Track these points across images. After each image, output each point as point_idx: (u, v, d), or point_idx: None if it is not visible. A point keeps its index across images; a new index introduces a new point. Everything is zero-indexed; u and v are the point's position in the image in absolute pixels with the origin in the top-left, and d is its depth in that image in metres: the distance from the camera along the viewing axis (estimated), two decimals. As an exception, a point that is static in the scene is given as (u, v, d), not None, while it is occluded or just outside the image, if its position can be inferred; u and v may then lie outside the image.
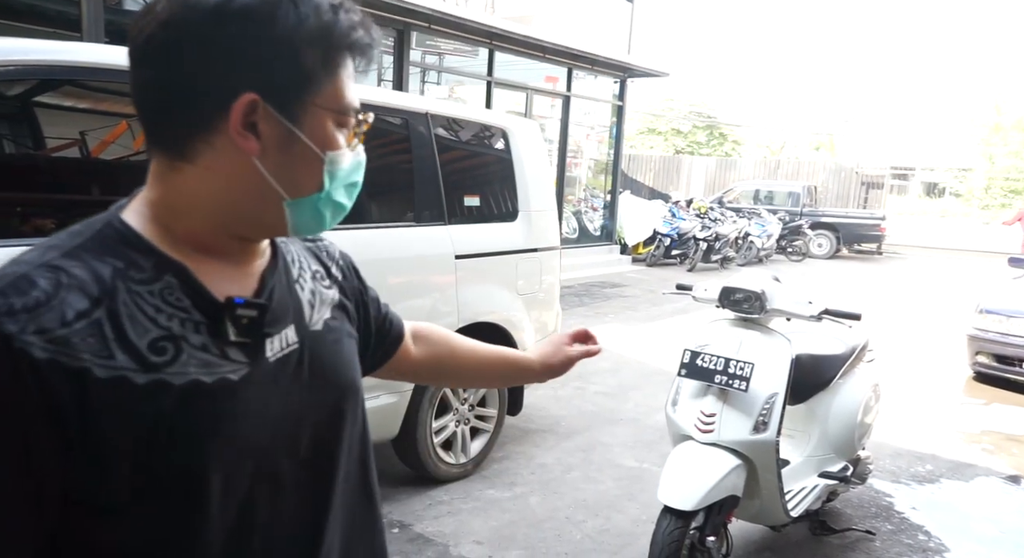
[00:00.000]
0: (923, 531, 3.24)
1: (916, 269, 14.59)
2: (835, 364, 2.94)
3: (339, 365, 0.84)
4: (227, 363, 0.70)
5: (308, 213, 0.73)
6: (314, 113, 0.70)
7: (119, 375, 0.62)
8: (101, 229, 0.69)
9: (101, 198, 2.43)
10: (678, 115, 29.23)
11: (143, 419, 0.63)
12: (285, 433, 0.75)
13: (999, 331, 5.50)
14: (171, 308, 0.67)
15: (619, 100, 12.15)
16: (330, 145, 0.72)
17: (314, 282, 0.86)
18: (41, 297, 0.61)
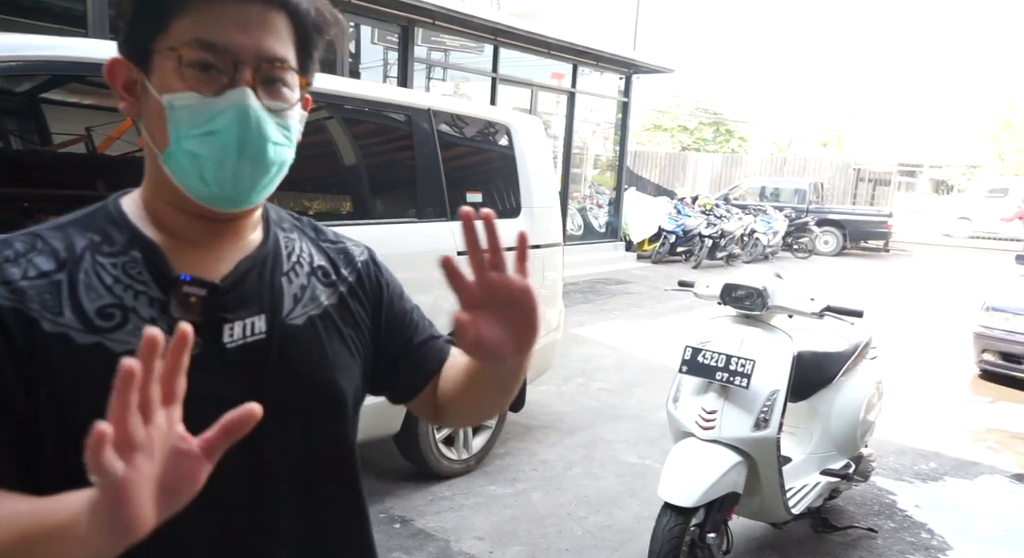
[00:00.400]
0: (926, 529, 3.23)
1: (923, 266, 14.51)
2: (838, 361, 2.93)
3: (318, 367, 0.79)
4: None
5: (176, 168, 0.70)
6: (161, 58, 0.68)
7: (62, 332, 0.66)
8: (96, 209, 0.75)
9: (107, 194, 2.44)
10: (684, 111, 29.12)
11: (76, 377, 0.66)
12: None
13: (1005, 329, 5.47)
14: (129, 279, 0.70)
15: (624, 96, 12.11)
16: (167, 87, 0.68)
17: (310, 277, 0.82)
18: (11, 255, 0.68)
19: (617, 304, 8.23)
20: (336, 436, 0.83)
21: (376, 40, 8.56)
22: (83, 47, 2.22)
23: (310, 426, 0.79)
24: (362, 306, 0.87)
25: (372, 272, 0.90)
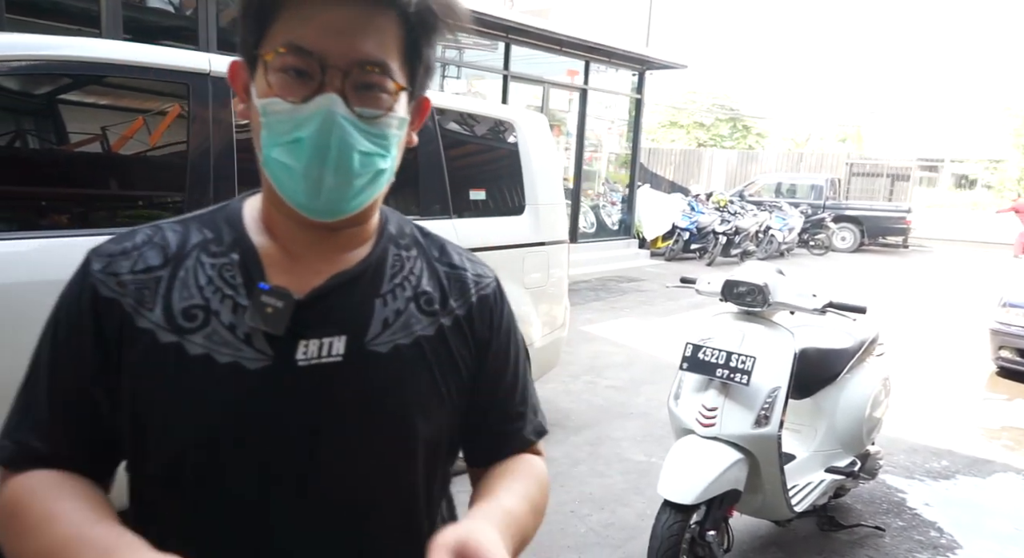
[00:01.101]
0: (935, 527, 3.19)
1: (943, 262, 14.29)
2: (843, 358, 2.90)
3: (394, 398, 0.72)
4: (248, 349, 0.67)
5: (273, 177, 0.68)
6: (260, 62, 0.66)
7: (149, 328, 0.68)
8: (223, 206, 0.77)
9: (120, 193, 2.48)
10: (701, 108, 28.91)
11: (154, 374, 0.67)
12: (293, 449, 0.68)
13: (1022, 325, 5.38)
14: (221, 282, 0.70)
15: (637, 93, 12.05)
16: (261, 92, 0.66)
17: (409, 302, 0.75)
18: (128, 247, 0.71)
19: (628, 302, 8.20)
20: (399, 477, 0.75)
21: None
22: (95, 47, 2.25)
23: (372, 461, 0.72)
24: (465, 346, 0.78)
25: (487, 311, 0.81)
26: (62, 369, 0.69)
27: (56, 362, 0.70)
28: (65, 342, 0.70)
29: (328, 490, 0.71)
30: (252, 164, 2.16)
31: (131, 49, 2.30)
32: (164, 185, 2.49)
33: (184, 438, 0.67)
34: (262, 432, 0.68)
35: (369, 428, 0.72)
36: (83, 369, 0.69)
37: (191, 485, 0.68)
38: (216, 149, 2.41)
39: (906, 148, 25.92)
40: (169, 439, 0.68)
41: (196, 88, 2.38)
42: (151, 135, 2.50)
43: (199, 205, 2.35)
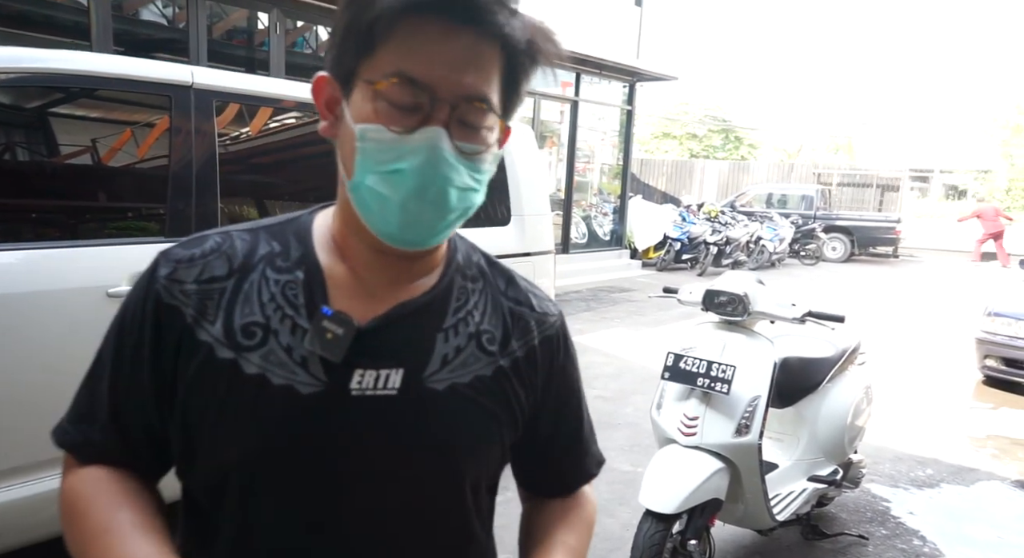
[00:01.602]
0: (918, 536, 3.20)
1: (932, 272, 14.38)
2: (824, 367, 2.92)
3: (445, 437, 0.71)
4: (302, 373, 0.66)
5: (359, 202, 0.66)
6: (361, 86, 0.64)
7: (208, 342, 0.67)
8: (294, 217, 0.75)
9: (109, 205, 2.49)
10: (693, 119, 29.11)
11: (207, 389, 0.67)
12: (336, 478, 0.68)
13: (1008, 334, 5.42)
14: (283, 301, 0.68)
15: (628, 104, 12.14)
16: (362, 117, 0.63)
17: (470, 340, 0.73)
18: (196, 254, 0.70)
19: (619, 312, 8.22)
20: (453, 521, 0.75)
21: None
22: (78, 60, 2.27)
23: (419, 503, 0.72)
24: (523, 386, 0.77)
25: (548, 353, 0.80)
26: (122, 369, 0.70)
27: (118, 362, 0.71)
28: (127, 343, 0.70)
29: (368, 523, 0.70)
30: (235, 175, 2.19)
31: (114, 62, 2.32)
32: (145, 197, 2.50)
33: (229, 457, 0.67)
34: (307, 458, 0.67)
35: (416, 465, 0.70)
36: (140, 374, 0.69)
37: (233, 504, 0.68)
38: (198, 161, 2.43)
39: (897, 158, 26.12)
40: (215, 456, 0.67)
41: (178, 100, 2.40)
42: (138, 147, 2.52)
43: (180, 216, 2.38)
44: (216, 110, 2.49)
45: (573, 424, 0.86)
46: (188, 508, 0.74)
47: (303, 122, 2.90)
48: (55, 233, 2.29)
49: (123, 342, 0.70)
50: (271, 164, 2.94)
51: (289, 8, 7.16)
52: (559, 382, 0.81)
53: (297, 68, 7.36)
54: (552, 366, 0.80)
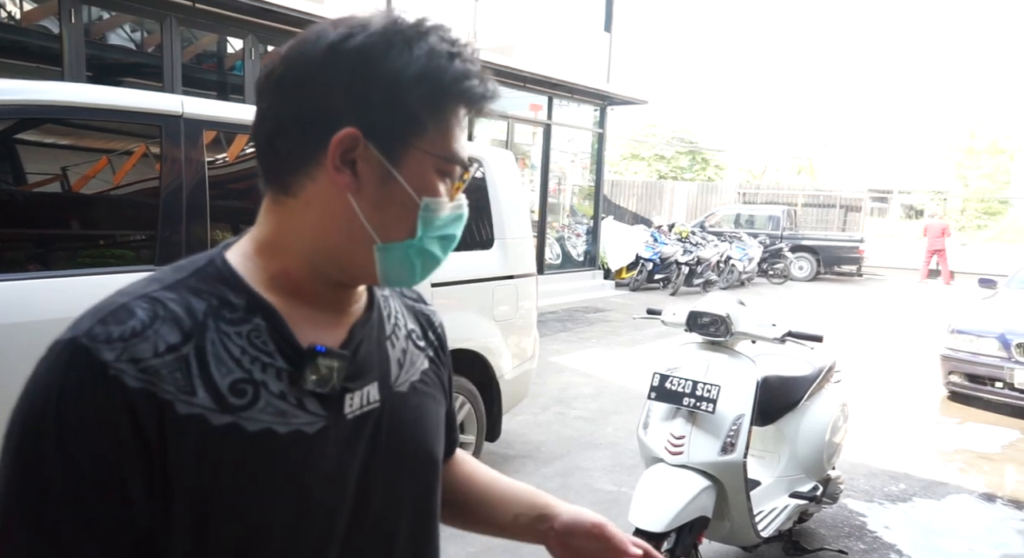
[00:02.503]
0: (895, 550, 3.29)
1: (895, 290, 14.79)
2: (803, 385, 3.01)
3: (421, 433, 0.79)
4: (303, 414, 0.67)
5: (398, 260, 0.70)
6: (416, 157, 0.67)
7: (198, 413, 0.62)
8: (203, 266, 0.69)
9: (81, 232, 2.48)
10: (661, 141, 29.65)
11: (212, 461, 0.62)
12: (354, 496, 0.71)
13: (970, 351, 5.61)
14: (256, 351, 0.67)
15: (600, 127, 12.36)
16: (428, 191, 0.68)
17: (407, 341, 0.82)
18: (137, 327, 0.61)
19: (595, 332, 8.30)
20: (432, 502, 0.82)
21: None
22: (77, 92, 2.27)
23: (413, 494, 0.79)
24: (444, 370, 0.88)
25: (445, 338, 0.91)
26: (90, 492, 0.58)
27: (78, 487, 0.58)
28: (85, 458, 0.58)
29: (380, 531, 0.75)
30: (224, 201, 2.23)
31: (105, 93, 2.33)
32: (136, 225, 2.50)
33: (257, 515, 0.65)
34: (328, 489, 0.69)
35: (405, 463, 0.77)
36: (121, 485, 0.59)
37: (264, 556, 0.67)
38: (188, 188, 2.44)
39: (857, 180, 26.89)
40: (239, 520, 0.64)
41: (168, 130, 2.42)
42: (127, 175, 2.52)
43: (171, 242, 2.38)
44: (205, 138, 2.51)
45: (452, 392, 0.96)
46: None
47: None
48: (44, 263, 2.28)
49: (76, 461, 0.57)
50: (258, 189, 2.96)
51: (264, 33, 7.20)
52: (450, 364, 0.92)
53: (271, 92, 7.38)
54: (447, 349, 0.91)
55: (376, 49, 0.65)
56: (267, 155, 0.70)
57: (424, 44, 0.66)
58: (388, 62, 0.65)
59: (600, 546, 0.90)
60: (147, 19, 6.52)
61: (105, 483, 0.58)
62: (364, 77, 0.65)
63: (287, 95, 0.67)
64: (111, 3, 6.16)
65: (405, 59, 0.65)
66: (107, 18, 6.40)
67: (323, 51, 0.66)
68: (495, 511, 0.94)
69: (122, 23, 6.57)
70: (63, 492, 0.57)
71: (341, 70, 0.65)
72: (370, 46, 0.65)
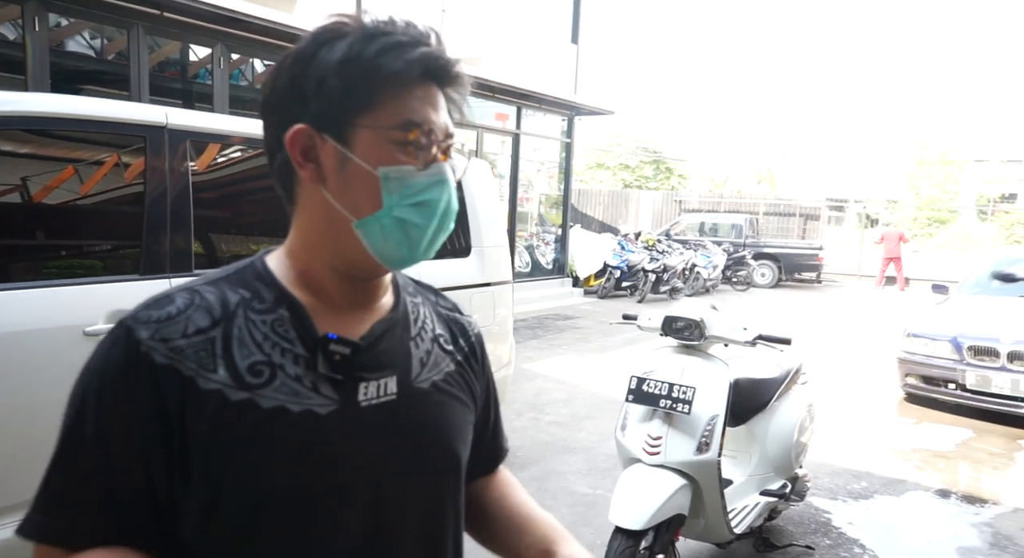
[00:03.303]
0: (858, 544, 3.43)
1: (852, 296, 15.25)
2: (772, 387, 3.14)
3: (439, 428, 0.83)
4: (316, 396, 0.73)
5: (377, 234, 0.74)
6: (365, 134, 0.72)
7: (216, 388, 0.70)
8: (245, 267, 0.79)
9: (83, 243, 2.48)
10: (626, 150, 30.07)
11: (226, 432, 0.70)
12: (366, 480, 0.76)
13: (925, 354, 5.85)
14: (277, 337, 0.74)
15: (567, 137, 12.53)
16: (385, 161, 0.73)
17: (433, 344, 0.86)
18: (172, 312, 0.72)
19: (565, 339, 8.40)
20: (453, 498, 0.85)
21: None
22: (61, 103, 2.27)
23: (430, 488, 0.82)
24: (473, 376, 0.91)
25: (481, 347, 0.95)
26: (115, 445, 0.69)
27: (107, 439, 0.69)
28: (116, 417, 0.69)
29: (396, 522, 0.79)
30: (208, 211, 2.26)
31: (90, 104, 2.34)
32: (120, 235, 2.51)
33: (267, 486, 0.71)
34: (337, 470, 0.74)
35: (425, 458, 0.81)
36: (139, 442, 0.69)
37: (271, 531, 0.72)
38: (173, 198, 2.46)
39: (815, 189, 27.65)
40: (249, 490, 0.70)
41: (152, 140, 2.43)
42: (91, 184, 2.52)
43: (155, 251, 2.40)
44: (190, 148, 2.53)
45: (497, 406, 1.01)
46: None
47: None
48: (29, 273, 2.27)
49: (105, 418, 0.68)
50: (243, 201, 2.98)
51: (232, 42, 7.16)
52: (488, 371, 0.96)
53: (237, 100, 7.34)
54: (484, 358, 0.95)
55: (307, 51, 0.73)
56: (273, 172, 0.78)
57: (349, 36, 0.73)
58: (316, 59, 0.72)
59: None
60: (113, 27, 6.44)
61: (127, 438, 0.69)
62: (302, 77, 0.73)
63: (265, 114, 0.77)
64: (76, 11, 6.07)
65: (330, 51, 0.72)
66: (68, 24, 6.30)
67: (275, 66, 0.76)
68: (511, 536, 0.95)
69: (83, 30, 6.47)
70: (96, 432, 0.69)
71: (284, 77, 0.74)
72: (303, 50, 0.73)
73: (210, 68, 7.22)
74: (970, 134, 31.71)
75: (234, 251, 2.91)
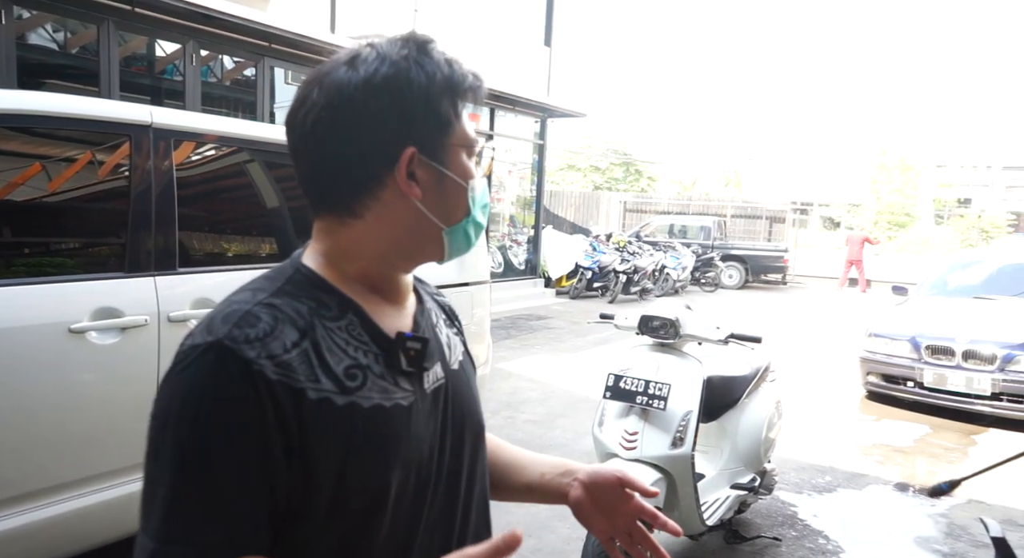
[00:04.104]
0: (823, 536, 3.57)
1: (817, 297, 15.64)
2: (742, 384, 3.25)
3: (472, 404, 0.93)
4: (399, 391, 0.80)
5: (460, 236, 0.85)
6: (453, 152, 0.82)
7: (325, 396, 0.74)
8: (293, 274, 0.81)
9: (69, 241, 2.47)
10: (596, 152, 30.34)
11: (341, 435, 0.74)
12: (434, 457, 0.85)
13: (886, 353, 6.07)
14: (356, 341, 0.79)
15: (540, 139, 12.63)
16: (469, 175, 0.84)
17: (448, 327, 0.96)
18: (267, 328, 0.73)
19: (539, 339, 8.49)
20: (486, 465, 0.96)
21: (290, 80, 8.63)
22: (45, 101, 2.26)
23: (474, 455, 0.92)
24: (468, 348, 1.00)
25: (458, 320, 1.04)
26: (245, 464, 0.69)
27: (232, 458, 0.69)
28: (240, 436, 0.69)
29: (463, 492, 0.89)
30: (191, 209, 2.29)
31: (75, 102, 2.35)
32: (106, 232, 2.51)
33: (381, 479, 0.77)
34: (422, 452, 0.83)
35: (468, 430, 0.91)
36: (267, 458, 0.70)
37: (388, 516, 0.78)
38: (158, 196, 2.47)
39: (780, 192, 28.23)
40: (367, 480, 0.76)
41: (137, 139, 2.44)
42: (59, 181, 2.52)
43: (140, 248, 2.41)
44: (174, 147, 2.54)
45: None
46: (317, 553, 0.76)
47: (255, 158, 2.97)
48: (14, 269, 2.27)
49: (234, 438, 0.69)
50: (226, 199, 2.99)
51: (205, 39, 7.10)
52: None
53: (208, 98, 7.28)
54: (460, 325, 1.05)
55: (400, 75, 0.78)
56: (330, 191, 0.81)
57: (428, 59, 0.80)
58: (413, 84, 0.77)
59: (618, 493, 1.00)
60: (82, 22, 6.34)
61: (253, 454, 0.69)
62: (403, 102, 0.77)
63: (341, 138, 0.78)
64: (45, 4, 5.97)
65: (424, 77, 0.78)
66: (30, 17, 6.18)
67: (359, 91, 0.77)
68: (523, 472, 1.04)
69: (45, 23, 6.36)
70: (231, 434, 0.69)
71: (382, 102, 0.77)
72: (394, 74, 0.77)
73: (178, 64, 7.15)
74: (929, 140, 32.72)
75: (216, 250, 2.92)
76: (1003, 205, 30.87)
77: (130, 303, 2.32)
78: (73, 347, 2.16)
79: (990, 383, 5.48)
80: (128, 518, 2.36)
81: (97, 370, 2.24)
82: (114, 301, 2.28)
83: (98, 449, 2.27)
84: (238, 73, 8.02)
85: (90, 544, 2.29)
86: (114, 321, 2.27)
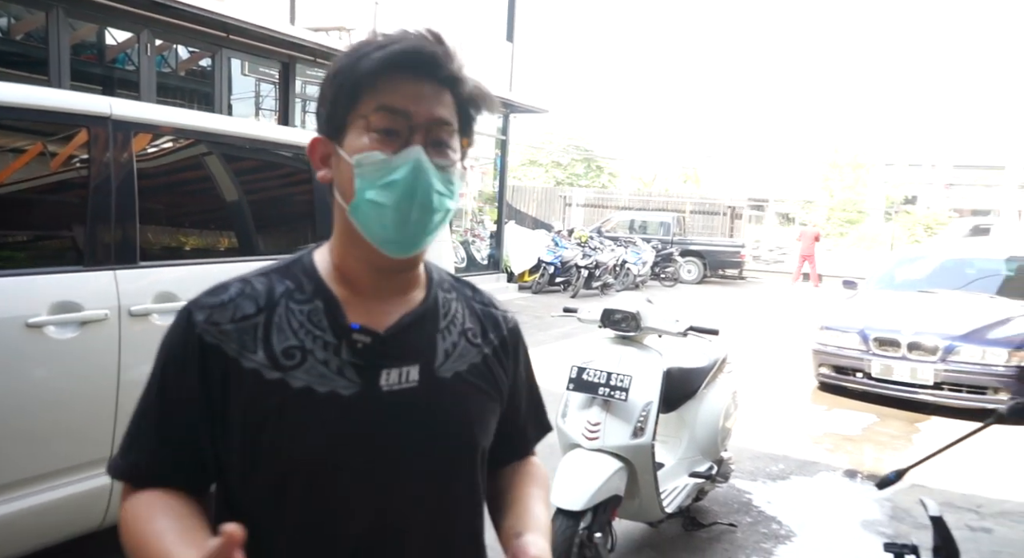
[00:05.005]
0: (776, 521, 3.71)
1: (772, 292, 16.04)
2: (700, 375, 3.35)
3: (457, 416, 0.88)
4: (341, 379, 0.81)
5: (363, 218, 0.81)
6: (350, 130, 0.82)
7: (255, 368, 0.81)
8: (294, 259, 0.90)
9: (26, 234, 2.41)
10: (557, 148, 30.49)
11: (262, 406, 0.80)
12: (382, 458, 0.82)
13: (836, 345, 6.28)
14: (311, 325, 0.83)
15: (503, 135, 12.66)
16: (356, 149, 0.80)
17: (461, 336, 0.91)
18: (225, 299, 0.84)
19: (501, 333, 8.52)
20: (469, 485, 0.91)
21: (248, 72, 8.48)
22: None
23: (443, 472, 0.87)
24: (502, 368, 0.95)
25: (515, 340, 1.00)
26: (170, 404, 0.83)
27: (164, 398, 0.83)
28: (173, 382, 0.83)
29: (407, 507, 0.84)
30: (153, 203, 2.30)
31: (33, 92, 2.29)
32: (64, 226, 2.46)
33: (292, 459, 0.80)
34: (357, 448, 0.82)
35: (442, 443, 0.87)
36: (189, 405, 0.82)
37: (294, 498, 0.81)
38: (117, 190, 2.42)
39: (737, 188, 28.81)
40: (277, 461, 0.80)
41: (95, 131, 2.40)
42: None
43: (98, 240, 2.38)
44: (134, 140, 2.50)
45: (533, 397, 1.07)
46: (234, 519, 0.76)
47: (213, 151, 2.94)
48: None
49: (167, 382, 0.83)
50: (187, 192, 2.95)
51: (159, 28, 6.93)
52: (524, 362, 1.03)
53: (162, 88, 7.11)
54: (518, 350, 1.00)
55: (330, 67, 0.84)
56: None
57: (363, 43, 0.83)
58: (330, 72, 0.84)
59: None
60: (30, 8, 6.12)
61: (179, 399, 0.83)
62: (324, 90, 0.85)
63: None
64: (-10, -12, 5.75)
65: (340, 62, 0.83)
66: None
67: None
68: (502, 521, 0.96)
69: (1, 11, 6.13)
70: (158, 391, 0.85)
71: (322, 94, 0.86)
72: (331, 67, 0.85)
73: (131, 53, 6.96)
74: (879, 139, 33.78)
75: (178, 244, 2.88)
76: (946, 202, 32.09)
77: (90, 297, 2.28)
78: (31, 341, 2.12)
79: (932, 373, 5.72)
80: (87, 515, 2.33)
81: (56, 365, 2.20)
82: (73, 295, 2.24)
83: (56, 445, 2.23)
84: (194, 63, 7.85)
85: (44, 542, 2.25)
86: (73, 315, 2.23)
